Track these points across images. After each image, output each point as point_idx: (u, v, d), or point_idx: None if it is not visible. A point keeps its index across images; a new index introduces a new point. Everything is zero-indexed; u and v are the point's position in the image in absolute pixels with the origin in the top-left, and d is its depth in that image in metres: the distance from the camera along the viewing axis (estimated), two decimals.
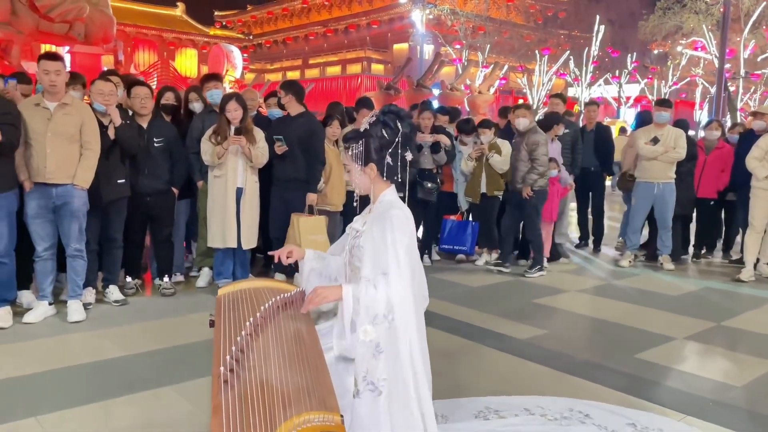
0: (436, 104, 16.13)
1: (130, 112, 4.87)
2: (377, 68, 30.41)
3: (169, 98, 5.35)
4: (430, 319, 4.55)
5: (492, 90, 24.74)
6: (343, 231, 5.66)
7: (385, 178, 2.38)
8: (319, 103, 14.88)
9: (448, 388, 3.43)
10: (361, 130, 2.39)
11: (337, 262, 2.56)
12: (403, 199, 2.47)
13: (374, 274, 2.18)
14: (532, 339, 4.34)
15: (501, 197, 6.54)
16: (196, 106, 5.52)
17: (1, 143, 3.83)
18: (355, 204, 2.51)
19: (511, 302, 5.30)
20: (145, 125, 4.87)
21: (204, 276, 5.35)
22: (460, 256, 6.79)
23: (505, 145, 6.38)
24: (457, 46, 26.09)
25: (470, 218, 6.79)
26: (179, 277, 5.39)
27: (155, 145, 4.87)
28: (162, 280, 5.08)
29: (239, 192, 4.95)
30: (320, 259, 2.61)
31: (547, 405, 3.22)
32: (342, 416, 1.58)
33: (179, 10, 30.25)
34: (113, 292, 4.75)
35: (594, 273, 6.51)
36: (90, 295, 4.68)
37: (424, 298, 2.49)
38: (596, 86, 28.20)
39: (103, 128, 4.46)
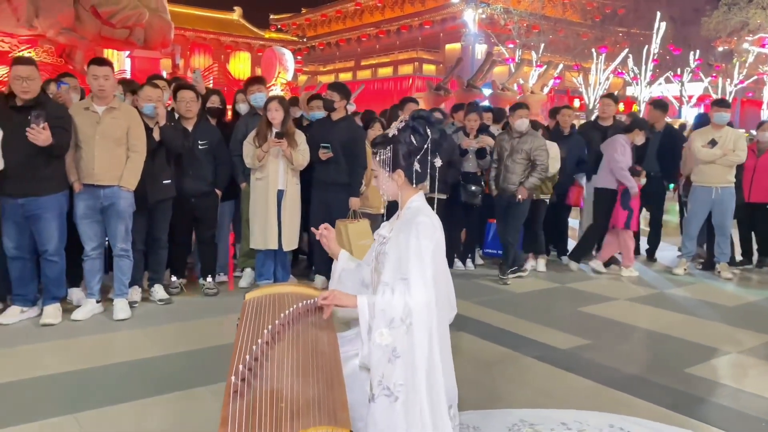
0: (487, 105, 15.99)
1: (176, 116, 4.97)
2: (429, 69, 30.28)
3: (214, 101, 5.44)
4: (468, 325, 4.54)
5: (546, 90, 24.33)
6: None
7: (413, 185, 2.34)
8: (371, 104, 14.90)
9: (483, 398, 3.35)
10: (390, 135, 2.36)
11: (369, 269, 2.53)
12: (433, 201, 2.43)
13: (394, 278, 2.14)
14: (575, 349, 4.19)
15: (548, 201, 6.37)
16: (243, 108, 5.61)
17: (52, 146, 3.97)
18: (382, 210, 2.47)
19: (555, 310, 5.15)
20: (190, 128, 4.97)
21: (246, 276, 5.41)
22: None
23: (552, 147, 6.20)
24: (510, 46, 25.69)
25: None
26: (223, 277, 5.48)
27: (200, 147, 4.95)
28: (205, 280, 5.16)
29: (280, 194, 4.99)
30: (353, 262, 2.59)
31: (585, 420, 3.10)
32: (351, 431, 1.53)
33: (236, 14, 30.94)
34: (158, 291, 4.86)
35: (647, 281, 6.24)
36: (136, 293, 4.80)
37: (450, 307, 2.44)
38: (656, 85, 27.25)
39: (149, 131, 4.57)
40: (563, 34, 26.75)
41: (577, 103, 25.26)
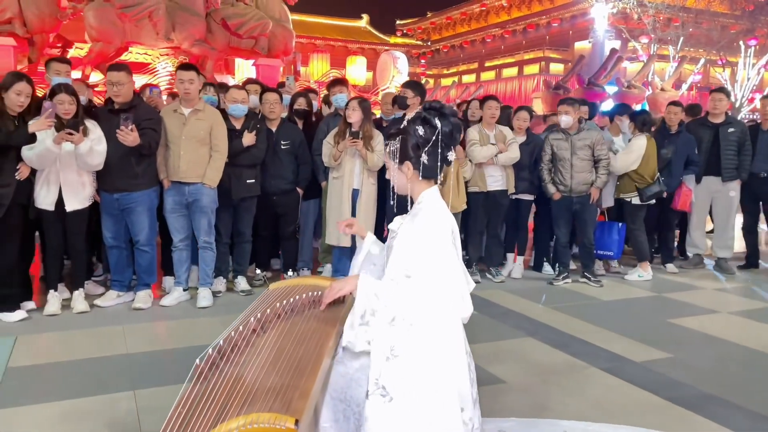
0: (611, 103, 15.11)
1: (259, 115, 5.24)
2: (556, 68, 29.20)
3: (301, 104, 5.67)
4: (539, 331, 4.36)
5: (685, 86, 22.54)
6: (465, 232, 5.58)
7: (421, 178, 2.29)
8: None
9: (531, 406, 3.21)
10: (401, 126, 2.33)
11: None
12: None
13: (398, 274, 2.11)
14: (651, 363, 3.86)
15: (631, 200, 5.94)
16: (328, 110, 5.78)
17: (141, 146, 4.35)
18: (392, 203, 2.44)
19: (641, 320, 4.78)
20: (274, 129, 5.21)
21: (326, 272, 5.58)
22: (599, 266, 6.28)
23: (635, 143, 5.81)
24: (645, 41, 24.09)
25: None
26: (305, 272, 5.68)
27: (282, 147, 5.18)
28: (287, 274, 5.37)
29: (356, 193, 5.07)
30: (380, 246, 2.58)
31: None
32: (297, 420, 1.54)
33: (364, 21, 31.88)
34: (241, 283, 5.14)
35: (758, 293, 5.61)
36: (220, 284, 5.12)
37: (463, 305, 2.35)
38: None
39: (236, 132, 4.86)
40: (707, 26, 24.61)
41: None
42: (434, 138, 2.23)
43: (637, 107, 16.16)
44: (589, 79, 15.37)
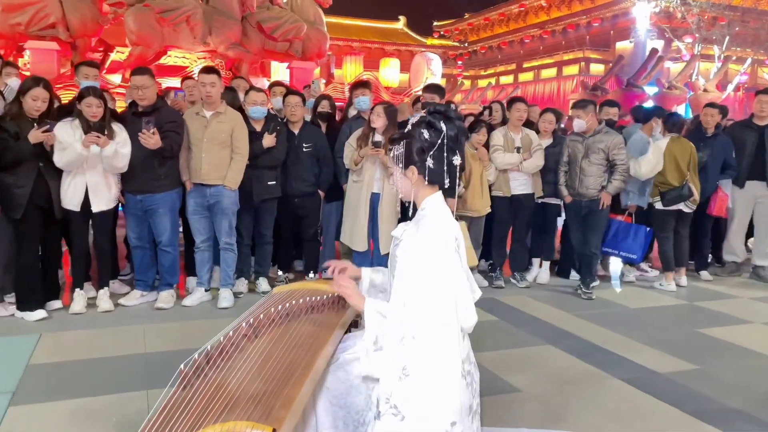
0: (650, 104, 14.73)
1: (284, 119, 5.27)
2: (596, 69, 28.59)
3: (324, 106, 5.67)
4: (561, 339, 4.25)
5: (731, 87, 21.81)
6: (487, 235, 5.49)
7: (427, 183, 2.24)
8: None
9: (544, 416, 3.13)
10: (405, 130, 2.29)
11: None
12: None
13: (404, 291, 2.08)
14: (675, 374, 3.72)
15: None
16: (352, 113, 5.77)
17: (163, 148, 4.40)
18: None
19: (669, 329, 4.61)
20: (296, 131, 5.22)
21: None
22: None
23: (657, 146, 5.63)
24: (688, 40, 23.41)
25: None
26: (328, 274, 5.66)
27: (304, 149, 5.18)
28: (308, 276, 5.39)
29: (376, 197, 5.02)
30: (379, 273, 2.57)
31: None
32: (275, 430, 1.52)
33: (401, 23, 31.87)
34: (262, 284, 5.17)
35: None
36: (242, 285, 5.16)
37: (466, 317, 2.29)
38: None
39: (256, 135, 4.89)
40: (754, 25, 23.75)
41: None
42: (439, 142, 2.19)
43: (680, 109, 15.77)
44: (628, 80, 15.00)
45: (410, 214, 2.33)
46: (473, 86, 28.84)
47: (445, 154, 2.21)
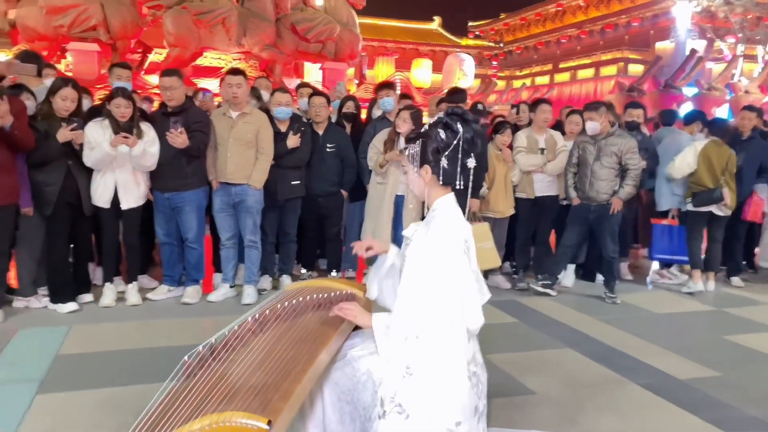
0: (690, 106, 14.39)
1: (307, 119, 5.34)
2: (635, 70, 28.00)
3: (349, 107, 5.73)
4: (580, 342, 4.22)
5: None
6: (512, 239, 5.46)
7: (440, 183, 2.26)
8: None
9: (557, 420, 3.11)
10: (422, 130, 2.31)
11: None
12: (463, 207, 2.34)
13: (410, 291, 2.11)
14: (696, 381, 3.66)
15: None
16: (376, 113, 5.81)
17: (190, 148, 4.52)
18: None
19: (694, 335, 4.53)
20: (320, 132, 5.29)
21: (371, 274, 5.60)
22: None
23: (688, 151, 5.52)
24: (731, 40, 22.78)
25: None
26: (351, 273, 5.73)
27: (328, 150, 5.25)
28: (330, 274, 5.45)
29: (400, 199, 5.04)
30: (402, 258, 2.58)
31: None
32: (270, 421, 1.56)
33: (436, 24, 31.81)
34: (285, 281, 5.25)
35: None
36: (266, 282, 5.25)
37: (473, 318, 2.30)
38: None
39: (281, 135, 4.97)
40: None
41: None
42: (455, 143, 2.20)
43: (720, 111, 15.35)
44: (666, 81, 14.70)
45: (403, 210, 2.36)
46: (507, 87, 28.64)
47: (460, 156, 2.23)
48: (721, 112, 14.88)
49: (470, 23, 34.93)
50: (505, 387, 3.47)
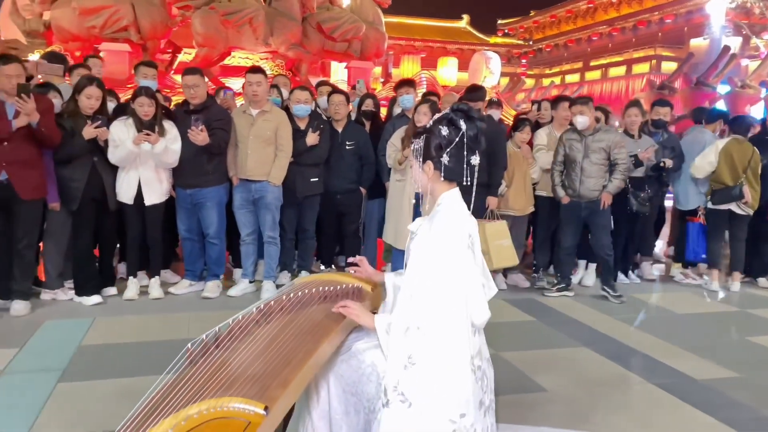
0: (722, 104, 14.07)
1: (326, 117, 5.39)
2: (668, 67, 27.43)
3: (368, 105, 5.77)
4: (598, 341, 4.20)
5: None
6: (532, 237, 5.44)
7: (443, 179, 2.28)
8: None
9: (567, 417, 3.11)
10: (427, 126, 2.34)
11: None
12: (468, 203, 2.35)
13: (412, 283, 2.13)
14: (714, 381, 3.60)
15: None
16: (396, 111, 5.84)
17: (210, 145, 4.61)
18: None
19: (715, 336, 4.46)
20: (340, 129, 5.33)
21: (389, 270, 5.63)
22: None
23: (710, 150, 5.42)
24: (767, 37, 22.20)
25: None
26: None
27: (347, 147, 5.29)
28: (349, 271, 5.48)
29: (418, 196, 5.05)
30: (401, 275, 2.62)
31: None
32: (267, 407, 1.60)
33: (464, 22, 31.65)
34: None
35: None
36: (286, 277, 5.32)
37: (478, 313, 2.31)
38: None
39: (301, 132, 5.03)
40: None
41: None
42: (458, 140, 2.21)
43: (755, 109, 14.97)
44: (698, 79, 14.39)
45: (421, 208, 2.38)
46: (536, 85, 28.35)
47: (465, 153, 2.23)
48: (756, 110, 14.51)
49: (499, 21, 34.65)
50: (517, 384, 3.47)
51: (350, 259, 2.63)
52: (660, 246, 7.10)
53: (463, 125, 2.22)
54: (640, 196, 5.60)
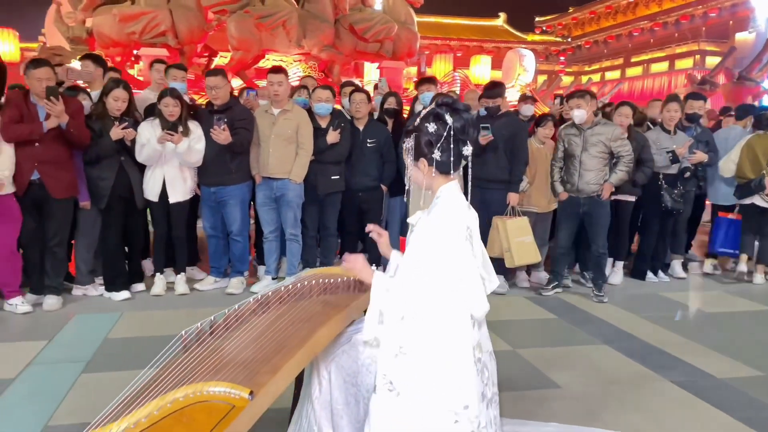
0: (766, 99, 13.61)
1: (349, 116, 5.44)
2: (713, 62, 26.61)
3: (391, 103, 5.78)
4: (618, 339, 4.15)
5: None
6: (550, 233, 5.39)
7: (438, 173, 2.30)
8: (641, 104, 14.04)
9: (579, 414, 3.08)
10: (416, 124, 2.36)
11: None
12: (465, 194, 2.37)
13: (408, 273, 2.16)
14: (734, 380, 3.51)
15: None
16: (418, 108, 5.85)
17: (233, 144, 4.72)
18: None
19: (742, 334, 4.33)
20: (361, 127, 5.38)
21: None
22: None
23: (737, 147, 5.28)
24: None
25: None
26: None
27: (368, 145, 5.33)
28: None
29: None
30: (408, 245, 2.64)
31: None
32: (252, 392, 1.64)
33: (501, 20, 31.34)
34: None
35: None
36: None
37: (476, 305, 2.31)
38: None
39: (322, 131, 5.10)
40: None
41: None
42: (446, 134, 2.23)
43: None
44: (740, 73, 13.96)
45: (405, 198, 2.40)
46: (575, 82, 27.87)
47: (453, 146, 2.25)
48: None
49: (537, 18, 34.21)
50: (530, 380, 3.46)
51: (370, 226, 2.64)
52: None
53: (449, 119, 2.24)
54: (674, 192, 5.49)
